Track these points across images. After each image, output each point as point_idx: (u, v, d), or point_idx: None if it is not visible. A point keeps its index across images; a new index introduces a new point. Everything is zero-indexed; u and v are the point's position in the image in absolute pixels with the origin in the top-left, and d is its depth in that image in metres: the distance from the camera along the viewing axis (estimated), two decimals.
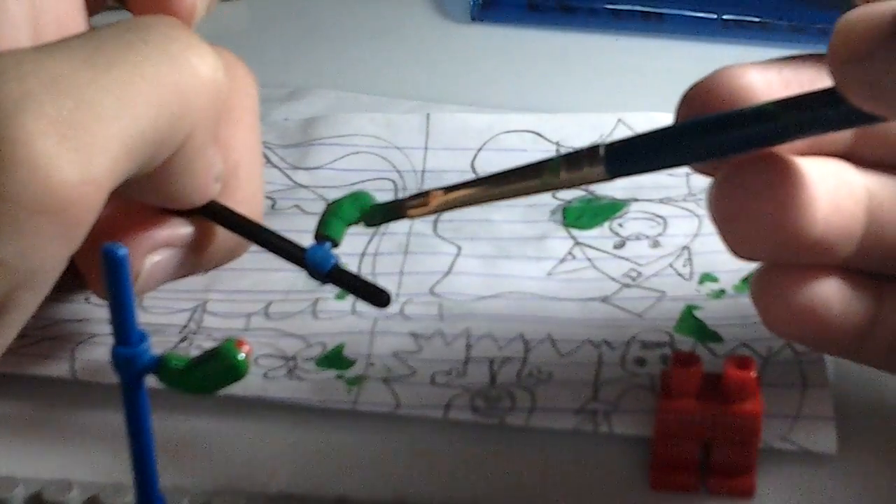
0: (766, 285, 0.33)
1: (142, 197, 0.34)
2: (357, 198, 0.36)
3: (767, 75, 0.32)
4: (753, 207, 0.32)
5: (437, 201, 0.35)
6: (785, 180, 0.32)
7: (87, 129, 0.29)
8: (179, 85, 0.31)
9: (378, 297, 0.35)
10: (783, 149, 0.32)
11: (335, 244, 0.35)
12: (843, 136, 0.33)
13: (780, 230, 0.32)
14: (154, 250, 0.36)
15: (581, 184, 0.33)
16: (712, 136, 0.31)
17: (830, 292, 0.33)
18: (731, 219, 0.32)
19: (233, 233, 0.36)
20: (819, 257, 0.33)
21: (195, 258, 0.37)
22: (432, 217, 0.44)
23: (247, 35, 0.57)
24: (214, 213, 0.36)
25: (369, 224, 0.36)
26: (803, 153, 0.33)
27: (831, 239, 0.32)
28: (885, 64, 0.28)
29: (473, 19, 0.57)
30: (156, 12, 0.33)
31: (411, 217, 0.35)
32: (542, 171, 0.33)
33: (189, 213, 0.36)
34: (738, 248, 0.33)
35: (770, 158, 0.32)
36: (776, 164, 0.32)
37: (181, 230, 0.36)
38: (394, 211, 0.35)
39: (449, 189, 0.35)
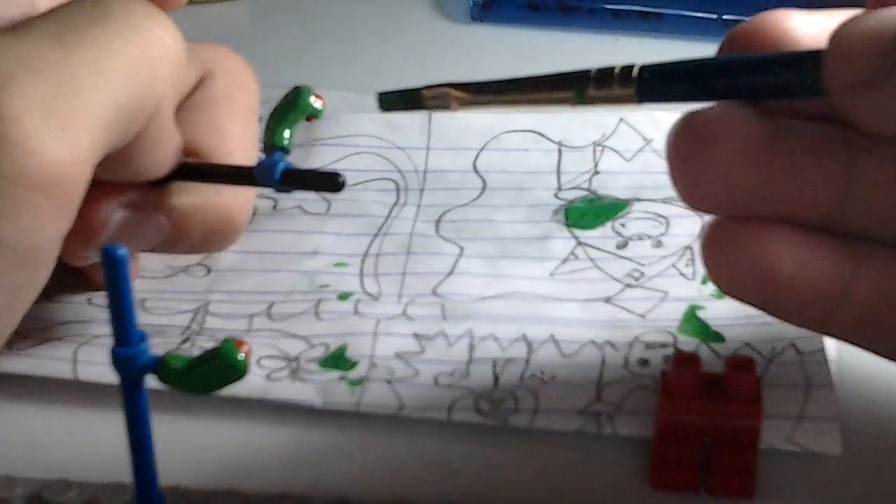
0: (715, 239, 0.31)
1: (111, 174, 0.34)
2: (296, 95, 0.35)
3: (816, 23, 0.31)
4: (710, 153, 0.30)
5: (458, 100, 0.33)
6: (739, 127, 0.30)
7: (69, 106, 0.30)
8: (147, 55, 0.32)
9: (333, 182, 0.34)
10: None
11: (286, 151, 0.35)
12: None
13: (734, 181, 0.30)
14: (122, 208, 0.35)
15: (609, 104, 0.31)
16: (746, 75, 0.30)
17: (791, 251, 0.30)
18: (684, 162, 0.30)
19: (193, 182, 0.36)
20: (784, 215, 0.30)
21: (167, 226, 0.36)
22: (434, 217, 0.44)
23: (247, 35, 0.57)
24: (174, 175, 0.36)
25: (386, 110, 0.35)
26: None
27: (796, 199, 0.30)
28: None
29: (473, 19, 0.57)
30: None
31: (429, 108, 0.34)
32: (570, 84, 0.32)
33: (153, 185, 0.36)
34: (691, 197, 0.31)
35: (734, 104, 0.30)
36: (736, 109, 0.30)
37: (146, 194, 0.36)
38: (411, 100, 0.34)
39: (470, 88, 0.33)
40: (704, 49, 0.34)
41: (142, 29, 0.32)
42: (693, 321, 0.39)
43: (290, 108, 0.35)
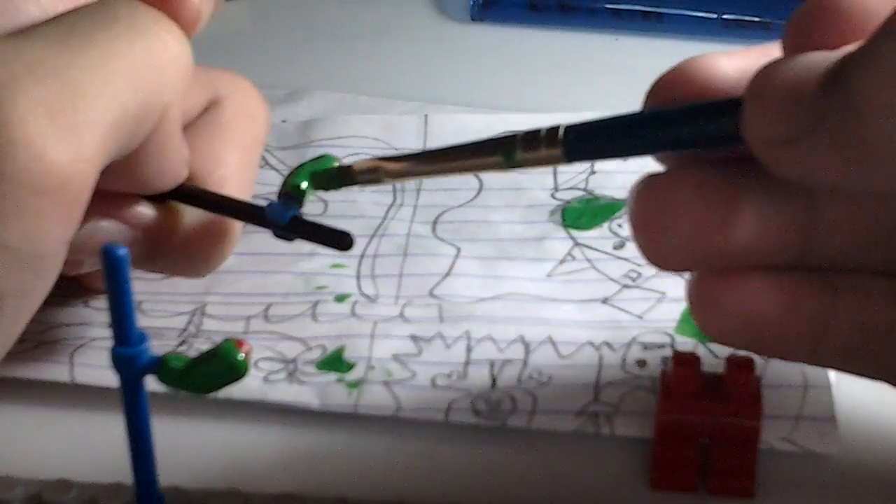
0: (699, 293, 0.31)
1: (116, 183, 0.34)
2: (320, 161, 0.36)
3: (741, 64, 0.30)
4: (671, 221, 0.30)
5: (389, 173, 0.34)
6: (696, 192, 0.30)
7: (73, 108, 0.29)
8: (153, 59, 0.32)
9: (341, 240, 0.35)
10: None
11: (299, 202, 0.35)
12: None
13: (698, 245, 0.30)
14: (109, 219, 0.35)
15: (538, 165, 0.31)
16: (669, 128, 0.30)
17: (770, 297, 0.30)
18: (647, 230, 0.30)
19: (197, 208, 0.36)
20: (753, 263, 0.30)
21: (154, 245, 0.36)
22: (431, 218, 0.44)
23: (247, 35, 0.57)
24: (179, 195, 0.36)
25: (318, 188, 0.35)
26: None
27: (761, 249, 0.30)
28: (817, 150, 0.26)
29: (473, 19, 0.57)
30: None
31: (362, 184, 0.34)
32: (498, 149, 0.32)
33: (154, 200, 0.36)
34: (658, 260, 0.31)
35: (697, 166, 0.30)
36: (700, 174, 0.30)
37: (144, 210, 0.36)
38: (343, 177, 0.35)
39: (401, 160, 0.34)
40: (705, 48, 0.34)
41: (148, 33, 0.32)
42: (691, 322, 0.39)
43: (311, 167, 0.36)
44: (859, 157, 0.26)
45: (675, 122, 0.29)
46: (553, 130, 0.31)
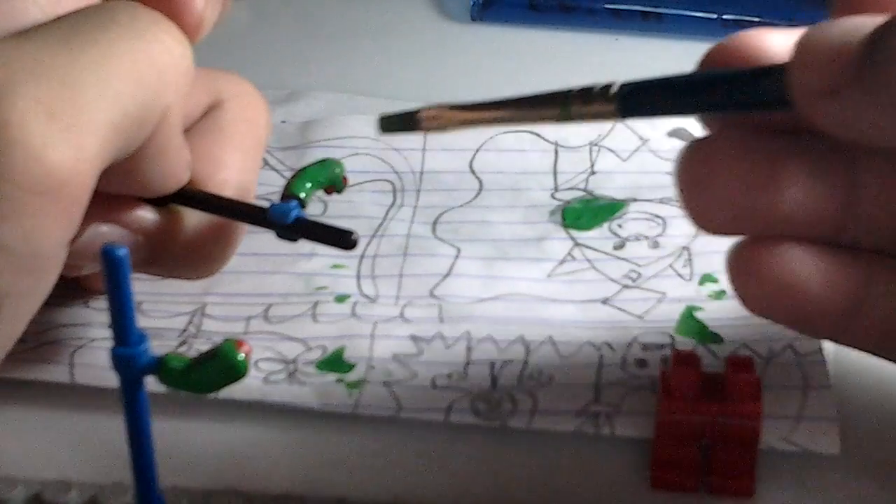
0: (740, 261, 0.32)
1: (118, 186, 0.34)
2: (323, 164, 0.36)
3: (790, 40, 0.31)
4: (717, 179, 0.31)
5: (452, 120, 0.35)
6: (744, 153, 0.31)
7: (73, 108, 0.29)
8: (153, 60, 0.32)
9: (345, 239, 0.35)
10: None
11: (302, 204, 0.35)
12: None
13: (742, 204, 0.31)
14: (109, 224, 0.35)
15: (593, 120, 0.32)
16: (720, 88, 0.31)
17: (810, 268, 0.31)
18: (693, 189, 0.32)
19: (200, 211, 0.36)
20: (793, 232, 0.31)
21: (156, 249, 0.36)
22: (431, 219, 0.44)
23: (247, 35, 0.57)
24: (181, 198, 0.36)
25: (385, 131, 0.36)
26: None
27: (802, 217, 0.31)
28: (859, 101, 0.28)
29: (473, 19, 0.57)
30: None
31: (426, 131, 0.35)
32: (556, 102, 0.33)
33: (155, 204, 0.36)
34: (702, 221, 0.32)
35: (744, 130, 0.32)
36: (747, 137, 0.31)
37: (145, 214, 0.36)
38: (409, 122, 0.35)
39: (464, 108, 0.34)
40: (704, 49, 0.34)
41: (148, 35, 0.32)
42: (691, 322, 0.39)
43: (315, 169, 0.36)
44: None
45: (726, 83, 0.31)
46: (607, 87, 0.32)
